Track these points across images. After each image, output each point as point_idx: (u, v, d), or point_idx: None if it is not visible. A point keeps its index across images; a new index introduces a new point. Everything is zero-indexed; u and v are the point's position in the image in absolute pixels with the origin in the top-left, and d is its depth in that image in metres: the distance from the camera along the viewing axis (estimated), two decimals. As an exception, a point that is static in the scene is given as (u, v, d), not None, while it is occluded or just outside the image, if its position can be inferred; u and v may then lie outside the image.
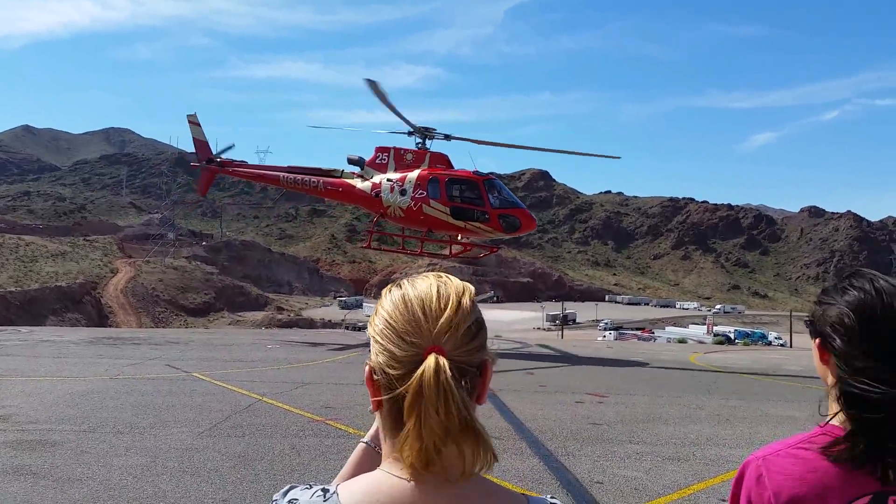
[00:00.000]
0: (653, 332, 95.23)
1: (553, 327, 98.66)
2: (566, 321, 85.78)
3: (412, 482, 1.14)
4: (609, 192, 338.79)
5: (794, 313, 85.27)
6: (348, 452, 1.54)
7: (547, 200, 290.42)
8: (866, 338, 1.43)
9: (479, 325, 1.21)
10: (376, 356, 1.19)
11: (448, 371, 1.10)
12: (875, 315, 1.45)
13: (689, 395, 14.82)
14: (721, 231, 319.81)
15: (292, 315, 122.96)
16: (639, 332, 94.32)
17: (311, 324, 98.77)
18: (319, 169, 20.59)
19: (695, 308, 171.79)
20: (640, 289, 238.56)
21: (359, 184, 18.40)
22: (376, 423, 1.35)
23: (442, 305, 1.17)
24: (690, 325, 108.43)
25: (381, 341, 1.19)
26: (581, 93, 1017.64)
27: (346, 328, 76.47)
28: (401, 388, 1.12)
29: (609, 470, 8.33)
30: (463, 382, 1.13)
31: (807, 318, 1.66)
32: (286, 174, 21.17)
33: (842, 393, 1.44)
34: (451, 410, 1.08)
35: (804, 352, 44.56)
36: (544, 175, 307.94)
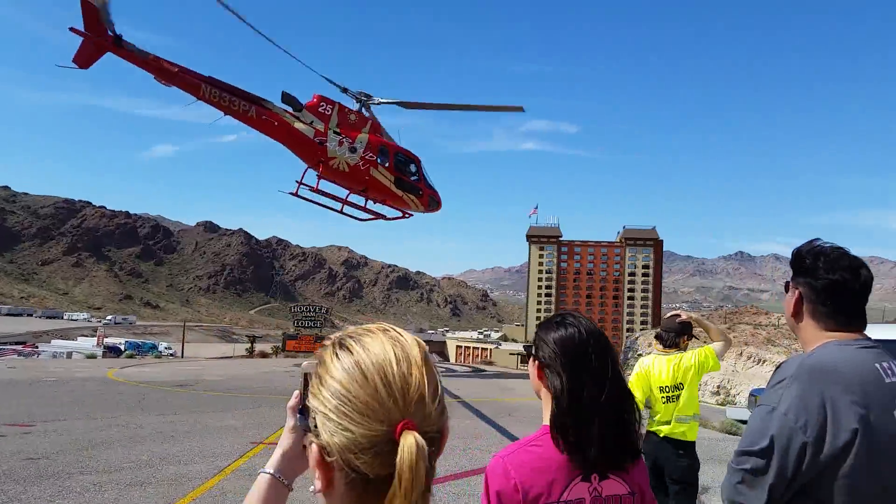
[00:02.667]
0: (37, 347, 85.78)
1: None
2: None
3: None
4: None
5: (186, 324, 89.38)
6: None
7: None
8: (568, 364, 1.91)
9: (438, 384, 1.05)
10: (330, 436, 0.98)
11: (426, 450, 0.95)
12: (576, 347, 1.93)
13: (123, 415, 14.04)
14: (117, 239, 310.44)
15: None
16: (19, 347, 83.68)
17: None
18: (246, 92, 16.44)
19: (84, 319, 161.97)
20: (23, 298, 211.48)
21: (297, 125, 16.40)
22: (280, 449, 1.25)
23: (405, 372, 1.00)
24: (79, 338, 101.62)
25: (335, 419, 0.98)
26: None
27: None
28: (368, 472, 0.96)
29: (70, 510, 7.34)
30: (431, 450, 0.98)
31: (526, 345, 2.10)
32: (208, 85, 16.24)
33: (556, 404, 1.90)
34: (428, 487, 0.95)
35: (210, 361, 47.36)
36: None
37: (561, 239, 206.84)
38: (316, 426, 1.01)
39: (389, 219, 18.64)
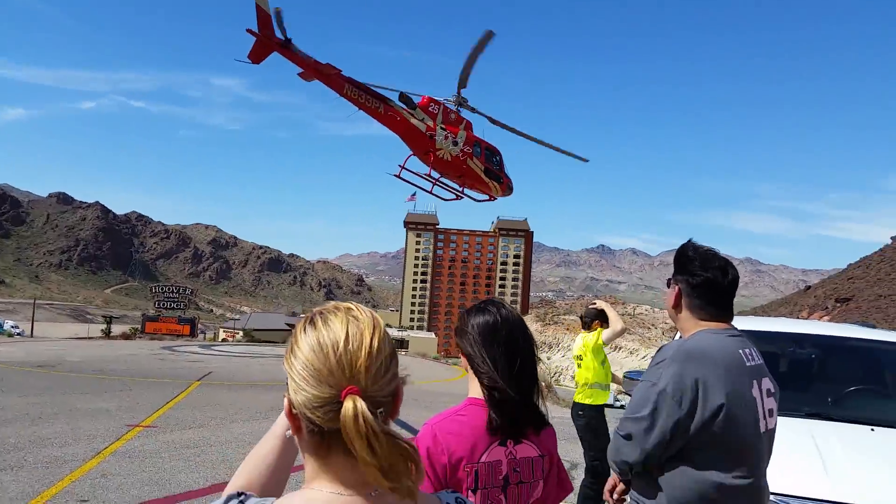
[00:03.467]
0: None
1: None
2: None
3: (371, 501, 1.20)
4: None
5: (36, 302, 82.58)
6: None
7: None
8: (488, 348, 2.15)
9: (392, 356, 1.26)
10: (294, 394, 1.23)
11: (366, 413, 1.15)
12: (495, 332, 2.17)
13: (-20, 397, 13.20)
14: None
15: None
16: None
17: None
18: (375, 91, 18.79)
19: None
20: None
21: (413, 121, 18.98)
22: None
23: (355, 347, 1.22)
24: None
25: (298, 381, 1.22)
26: None
27: None
28: (322, 424, 1.19)
29: (-64, 496, 6.99)
30: (379, 412, 1.19)
31: (457, 327, 2.32)
32: (350, 84, 18.35)
33: (481, 383, 2.15)
34: (376, 448, 1.13)
35: (68, 341, 44.26)
36: None
37: (438, 227, 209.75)
38: (287, 384, 1.27)
39: (477, 200, 21.69)
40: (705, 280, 2.58)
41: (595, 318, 7.44)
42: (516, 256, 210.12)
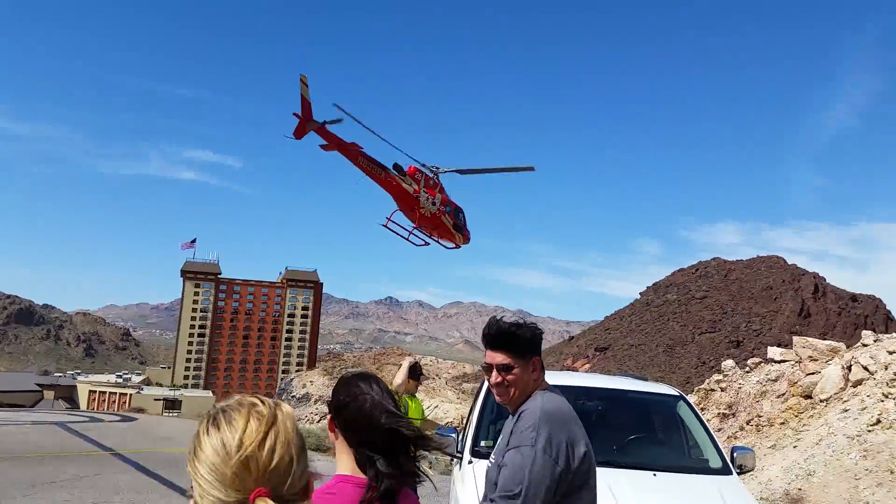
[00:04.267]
0: None
1: None
2: None
3: None
4: None
5: None
6: None
7: None
8: (360, 424, 2.23)
9: (302, 450, 1.26)
10: (201, 499, 1.21)
11: None
12: (365, 408, 2.25)
13: None
14: None
15: None
16: None
17: None
18: (378, 162, 21.94)
19: None
20: None
21: (404, 185, 22.42)
22: None
23: (261, 447, 1.21)
24: None
25: (204, 486, 1.21)
26: None
27: None
28: None
29: None
30: None
31: (327, 401, 2.38)
32: (362, 156, 21.26)
33: (360, 455, 2.21)
34: None
35: None
36: None
37: (220, 276, 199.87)
38: (192, 488, 1.24)
39: (446, 248, 24.99)
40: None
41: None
42: (304, 308, 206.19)
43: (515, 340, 2.98)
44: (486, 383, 6.16)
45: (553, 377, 7.28)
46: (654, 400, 6.33)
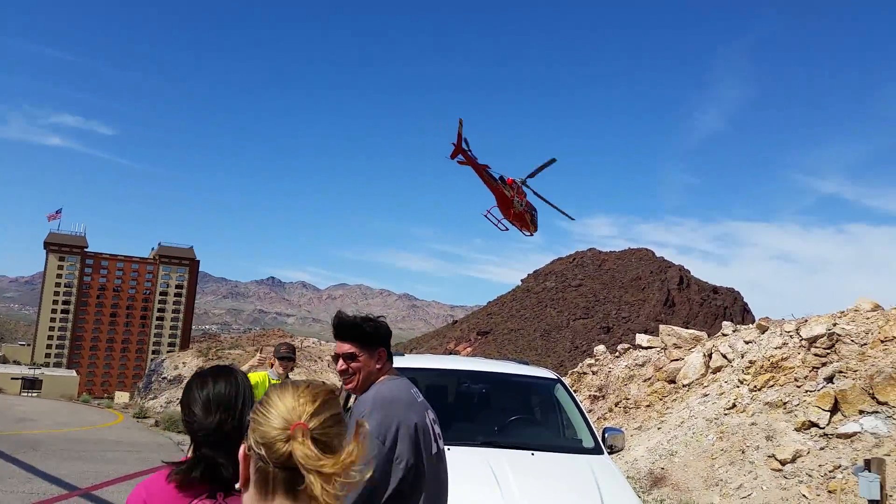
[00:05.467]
0: None
1: None
2: None
3: None
4: None
5: None
6: None
7: None
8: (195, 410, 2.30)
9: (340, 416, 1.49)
10: (252, 432, 1.43)
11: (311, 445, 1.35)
12: (194, 396, 2.31)
13: None
14: None
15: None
16: None
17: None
18: (491, 174, 27.38)
19: None
20: None
21: (504, 189, 28.06)
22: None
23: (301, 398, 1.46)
24: None
25: (258, 419, 1.44)
26: None
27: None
28: (272, 461, 1.38)
29: None
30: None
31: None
32: (487, 173, 27.05)
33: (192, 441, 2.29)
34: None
35: None
36: None
37: (86, 250, 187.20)
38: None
39: (524, 235, 30.57)
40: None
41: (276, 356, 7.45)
42: (179, 286, 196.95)
43: (360, 332, 3.22)
44: None
45: (437, 361, 7.38)
46: (533, 383, 6.53)
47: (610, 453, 5.59)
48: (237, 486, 1.51)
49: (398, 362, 6.94)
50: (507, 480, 4.54)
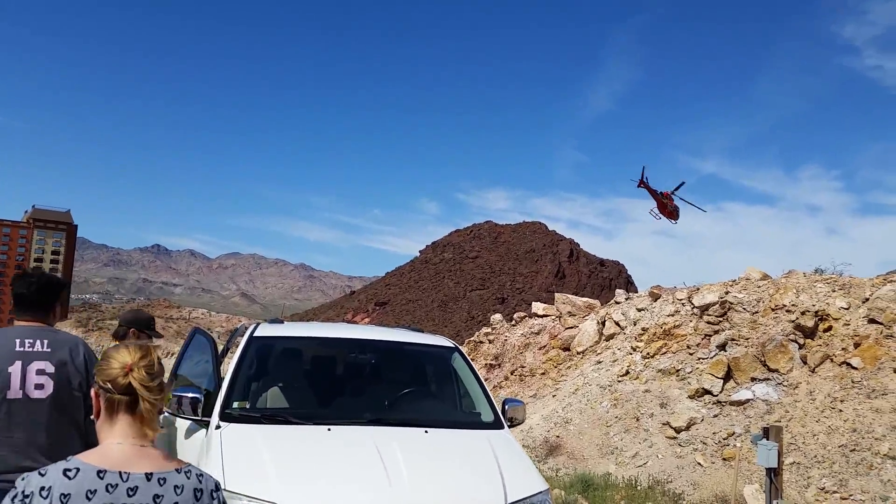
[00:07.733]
0: None
1: None
2: None
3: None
4: None
5: None
6: None
7: None
8: None
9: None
10: (100, 374, 2.02)
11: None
12: None
13: None
14: None
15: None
16: None
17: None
18: (658, 192, 35.05)
19: None
20: None
21: (664, 200, 35.16)
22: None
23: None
24: None
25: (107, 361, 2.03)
26: None
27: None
28: (116, 390, 1.96)
29: None
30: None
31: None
32: (656, 194, 34.73)
33: None
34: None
35: None
36: None
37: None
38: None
39: (670, 223, 36.72)
40: (15, 294, 3.75)
41: (133, 325, 6.07)
42: (55, 252, 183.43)
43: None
44: (247, 334, 5.44)
45: (323, 329, 6.63)
46: (429, 352, 5.95)
47: (510, 427, 5.11)
48: (91, 416, 2.03)
49: (276, 330, 6.06)
50: (395, 464, 3.91)
